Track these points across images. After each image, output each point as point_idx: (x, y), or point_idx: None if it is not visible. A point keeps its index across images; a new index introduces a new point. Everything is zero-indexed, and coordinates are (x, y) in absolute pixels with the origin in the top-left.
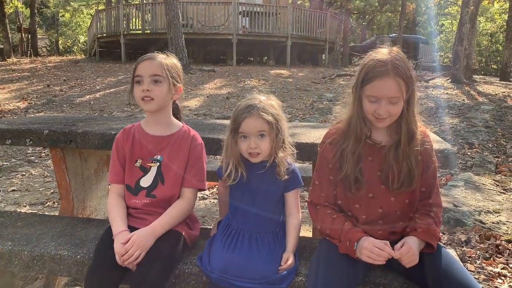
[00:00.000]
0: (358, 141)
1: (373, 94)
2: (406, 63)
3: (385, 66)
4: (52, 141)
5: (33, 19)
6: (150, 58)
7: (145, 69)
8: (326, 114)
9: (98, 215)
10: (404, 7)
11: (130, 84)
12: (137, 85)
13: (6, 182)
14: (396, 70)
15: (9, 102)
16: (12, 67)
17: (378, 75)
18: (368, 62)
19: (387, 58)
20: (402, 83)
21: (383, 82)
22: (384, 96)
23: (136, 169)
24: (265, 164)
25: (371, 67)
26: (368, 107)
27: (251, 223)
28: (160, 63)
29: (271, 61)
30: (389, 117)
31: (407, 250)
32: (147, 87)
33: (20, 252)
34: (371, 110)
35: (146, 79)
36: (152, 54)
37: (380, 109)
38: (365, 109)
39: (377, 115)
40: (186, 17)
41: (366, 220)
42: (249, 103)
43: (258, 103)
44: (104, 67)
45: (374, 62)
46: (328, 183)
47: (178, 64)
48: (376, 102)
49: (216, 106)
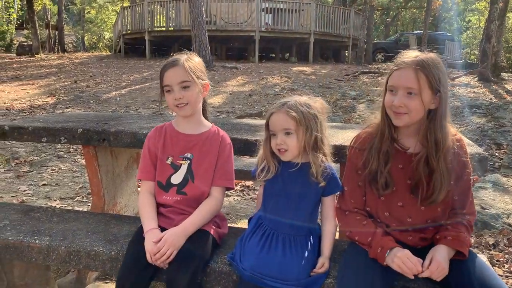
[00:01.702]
0: (382, 136)
1: (391, 83)
2: (437, 64)
3: (410, 59)
4: (86, 139)
5: (60, 16)
6: (174, 64)
7: (172, 77)
8: (349, 112)
9: (128, 211)
10: (430, 3)
11: (159, 92)
12: (167, 93)
13: (37, 176)
14: (419, 63)
15: (38, 97)
16: (41, 63)
17: (397, 65)
18: (397, 59)
19: (415, 55)
20: (424, 79)
21: (401, 71)
22: (400, 85)
23: (167, 166)
24: (297, 163)
25: (396, 62)
26: (387, 99)
27: (284, 224)
28: (184, 68)
29: (293, 58)
30: (407, 114)
31: (436, 266)
32: (178, 95)
33: (57, 247)
34: (389, 103)
35: (175, 87)
36: (174, 60)
37: (395, 100)
38: (385, 103)
39: (394, 108)
40: (209, 14)
41: (395, 228)
42: (283, 101)
43: (290, 100)
44: (129, 64)
45: (398, 58)
46: (357, 189)
47: (200, 62)
48: (394, 93)
49: (239, 104)
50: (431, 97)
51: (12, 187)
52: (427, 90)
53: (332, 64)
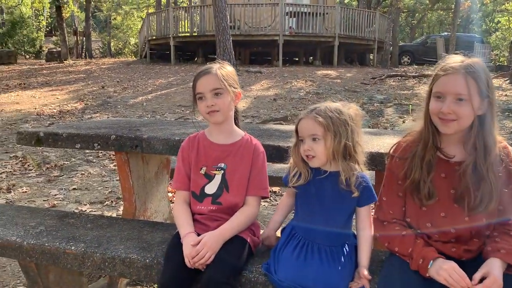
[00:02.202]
0: (426, 144)
1: (438, 89)
2: (484, 68)
3: (459, 63)
4: (119, 146)
5: (87, 23)
6: (206, 72)
7: (204, 85)
8: (377, 116)
9: (158, 217)
10: (458, 5)
11: (192, 100)
12: (200, 101)
13: (67, 180)
14: (467, 69)
15: (67, 103)
16: (69, 69)
17: (445, 71)
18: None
19: (461, 60)
20: (474, 84)
21: (450, 77)
22: (449, 92)
23: (201, 176)
24: (327, 171)
25: (440, 66)
26: (433, 105)
27: (319, 234)
28: (217, 76)
29: (318, 62)
30: (456, 121)
31: (493, 281)
32: (211, 102)
33: (92, 254)
34: (436, 109)
35: (207, 94)
36: (207, 68)
37: (444, 106)
38: (430, 110)
39: (441, 115)
40: (233, 19)
41: (438, 239)
42: (313, 106)
43: (320, 106)
44: (154, 69)
45: (444, 63)
46: (396, 199)
47: (232, 71)
48: (441, 99)
49: (263, 108)
50: (480, 103)
51: (43, 191)
52: (476, 95)
53: (357, 68)
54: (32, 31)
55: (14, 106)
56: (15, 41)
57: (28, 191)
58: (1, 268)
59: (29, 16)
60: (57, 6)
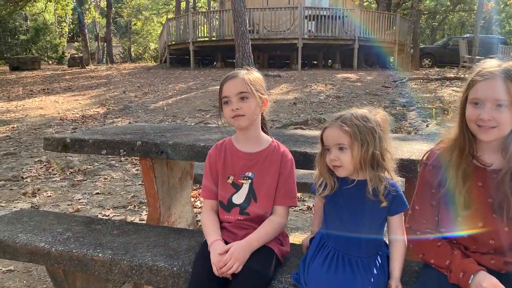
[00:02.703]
0: (462, 152)
1: (476, 96)
2: None
3: (496, 68)
4: (145, 152)
5: (108, 29)
6: (233, 76)
7: (231, 88)
8: (400, 120)
9: (182, 223)
10: (481, 6)
11: (218, 106)
12: (225, 105)
13: (90, 185)
14: (506, 73)
15: (89, 107)
16: (91, 74)
17: (483, 76)
18: (476, 69)
19: (498, 64)
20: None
21: (489, 82)
22: (488, 98)
23: (228, 186)
24: (354, 180)
25: (477, 71)
26: (471, 112)
27: (348, 245)
28: (243, 80)
29: (337, 65)
30: (496, 128)
31: None
32: (236, 106)
33: (120, 261)
34: (474, 116)
35: (233, 98)
36: (234, 73)
37: (483, 113)
38: (468, 117)
39: (480, 122)
40: (252, 23)
41: (475, 250)
42: (339, 114)
43: (346, 113)
44: (174, 74)
45: (480, 68)
46: (430, 208)
47: (260, 77)
48: (480, 106)
49: (283, 112)
50: None
51: (67, 195)
52: None
53: (377, 71)
54: (55, 37)
55: (38, 111)
56: (39, 47)
57: (53, 195)
58: (27, 272)
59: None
60: (79, 12)
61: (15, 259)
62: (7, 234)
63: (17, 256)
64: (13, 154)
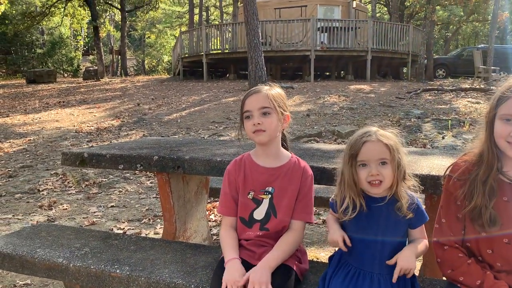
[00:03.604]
0: (489, 169)
1: (509, 112)
2: None
3: None
4: (161, 166)
5: (123, 42)
6: (256, 92)
7: (253, 103)
8: (415, 132)
9: (197, 237)
10: (496, 16)
11: (239, 120)
12: (247, 120)
13: (105, 198)
14: None
15: (104, 120)
16: (105, 86)
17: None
18: (505, 85)
19: None
20: None
21: None
22: None
23: (249, 201)
24: (385, 197)
25: (507, 87)
26: (501, 128)
27: (371, 263)
28: (266, 95)
29: (350, 76)
30: None
31: None
32: (257, 121)
33: (137, 278)
34: (505, 133)
35: (255, 112)
36: (257, 88)
37: None
38: (497, 133)
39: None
40: (265, 35)
41: (500, 268)
42: (366, 130)
43: (375, 130)
44: (188, 86)
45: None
46: (456, 221)
47: (282, 93)
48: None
49: (297, 124)
50: None
51: (83, 208)
52: None
53: (391, 82)
54: (70, 50)
55: (54, 124)
56: (55, 60)
57: (68, 208)
58: (43, 286)
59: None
60: (94, 26)
61: (33, 275)
62: (25, 249)
63: (35, 272)
64: (30, 167)
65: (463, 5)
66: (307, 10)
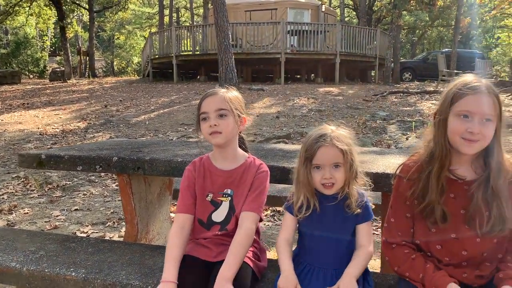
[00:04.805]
0: (442, 166)
1: (466, 108)
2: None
3: (479, 83)
4: (121, 168)
5: (91, 43)
6: (213, 94)
7: (210, 105)
8: (380, 133)
9: (160, 239)
10: (459, 22)
11: (196, 121)
12: (203, 121)
13: (69, 201)
14: (490, 89)
15: (70, 122)
16: (72, 88)
17: (472, 89)
18: (456, 83)
19: (479, 80)
20: (497, 104)
21: (478, 97)
22: (478, 112)
23: (207, 203)
24: (337, 196)
25: (461, 84)
26: (457, 125)
27: (324, 259)
28: (223, 97)
29: (319, 79)
30: (480, 141)
31: None
32: (214, 122)
33: (93, 280)
34: (461, 129)
35: (211, 114)
36: (213, 90)
37: (473, 127)
38: (453, 129)
39: (468, 135)
40: (235, 38)
41: (449, 262)
42: (321, 132)
43: (330, 132)
44: (157, 88)
45: (465, 82)
46: (405, 220)
47: (239, 96)
48: (468, 119)
49: (266, 126)
50: (498, 123)
51: (45, 212)
52: (497, 115)
53: (358, 84)
54: (36, 51)
55: (17, 126)
56: (19, 61)
57: (30, 212)
58: None
59: (34, 36)
60: (61, 26)
61: None
62: None
63: None
64: None
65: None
66: (277, 13)
